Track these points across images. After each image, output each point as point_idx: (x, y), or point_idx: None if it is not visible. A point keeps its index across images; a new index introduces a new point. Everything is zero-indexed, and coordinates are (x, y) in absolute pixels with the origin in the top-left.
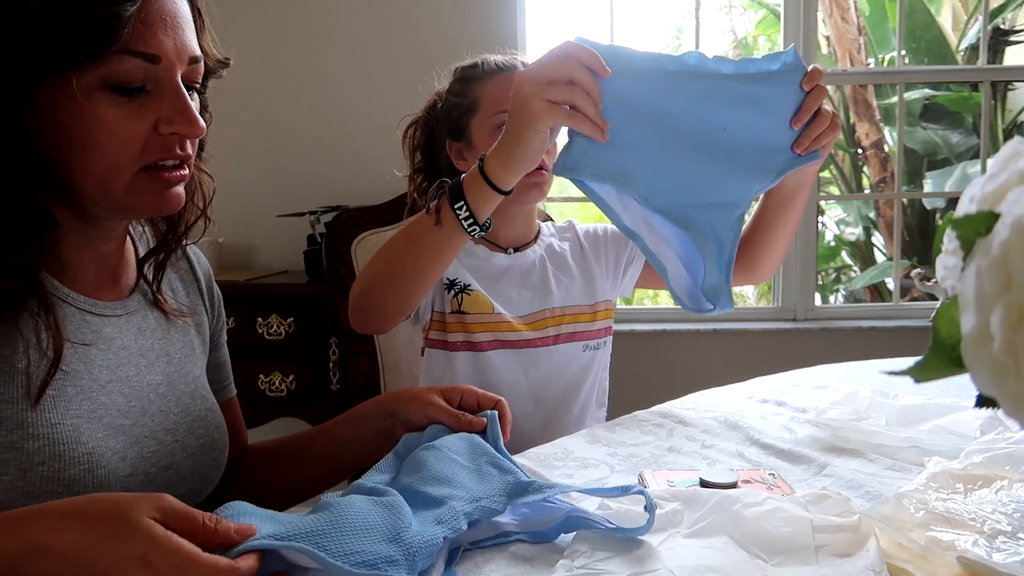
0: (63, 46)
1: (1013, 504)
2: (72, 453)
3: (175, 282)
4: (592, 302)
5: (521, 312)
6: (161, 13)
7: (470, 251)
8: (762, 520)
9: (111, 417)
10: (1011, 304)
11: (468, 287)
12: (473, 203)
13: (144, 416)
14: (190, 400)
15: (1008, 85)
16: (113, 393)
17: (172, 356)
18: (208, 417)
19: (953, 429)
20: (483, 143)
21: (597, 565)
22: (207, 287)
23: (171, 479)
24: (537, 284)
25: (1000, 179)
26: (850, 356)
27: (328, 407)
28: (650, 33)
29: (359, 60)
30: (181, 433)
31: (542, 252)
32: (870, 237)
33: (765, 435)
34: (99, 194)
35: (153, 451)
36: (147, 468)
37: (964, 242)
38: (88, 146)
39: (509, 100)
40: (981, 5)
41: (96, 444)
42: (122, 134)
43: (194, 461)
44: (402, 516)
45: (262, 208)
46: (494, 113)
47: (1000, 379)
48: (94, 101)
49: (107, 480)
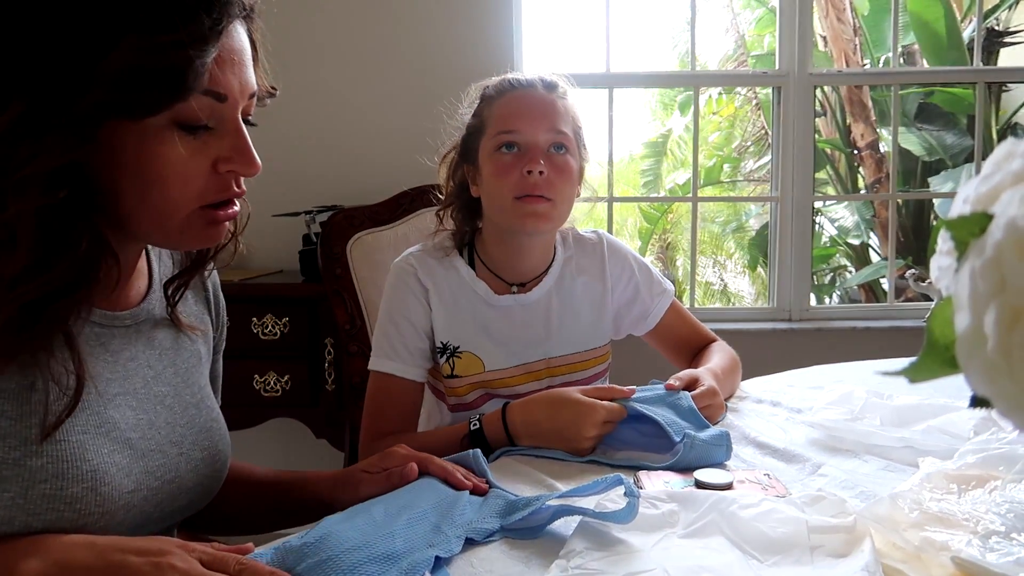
0: (148, 92)
1: (1007, 504)
2: (76, 471)
3: (186, 292)
4: (591, 347)
5: (514, 363)
6: (230, 52)
7: (471, 287)
8: (757, 521)
9: (119, 432)
10: (1005, 305)
11: (458, 350)
12: (488, 431)
13: (151, 429)
14: (196, 411)
15: (1002, 86)
16: (121, 407)
17: (179, 366)
18: (212, 428)
19: (947, 429)
20: (485, 165)
21: (593, 565)
22: (214, 297)
23: (174, 492)
24: (537, 329)
25: (994, 180)
26: (845, 356)
27: (323, 407)
28: (648, 34)
29: (355, 61)
30: (186, 445)
31: (550, 286)
32: (866, 238)
33: (760, 435)
34: (154, 229)
35: (158, 464)
36: (151, 483)
37: (958, 243)
38: (152, 183)
39: (513, 118)
40: (975, 6)
41: (101, 461)
42: (187, 172)
43: (197, 473)
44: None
45: (257, 207)
46: (496, 133)
47: (994, 380)
48: (163, 139)
49: (110, 496)
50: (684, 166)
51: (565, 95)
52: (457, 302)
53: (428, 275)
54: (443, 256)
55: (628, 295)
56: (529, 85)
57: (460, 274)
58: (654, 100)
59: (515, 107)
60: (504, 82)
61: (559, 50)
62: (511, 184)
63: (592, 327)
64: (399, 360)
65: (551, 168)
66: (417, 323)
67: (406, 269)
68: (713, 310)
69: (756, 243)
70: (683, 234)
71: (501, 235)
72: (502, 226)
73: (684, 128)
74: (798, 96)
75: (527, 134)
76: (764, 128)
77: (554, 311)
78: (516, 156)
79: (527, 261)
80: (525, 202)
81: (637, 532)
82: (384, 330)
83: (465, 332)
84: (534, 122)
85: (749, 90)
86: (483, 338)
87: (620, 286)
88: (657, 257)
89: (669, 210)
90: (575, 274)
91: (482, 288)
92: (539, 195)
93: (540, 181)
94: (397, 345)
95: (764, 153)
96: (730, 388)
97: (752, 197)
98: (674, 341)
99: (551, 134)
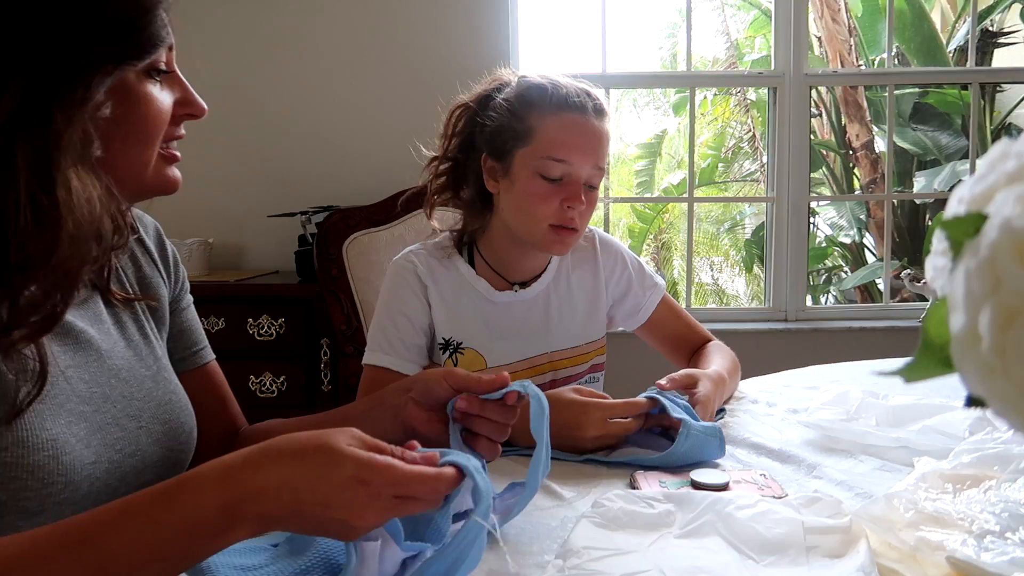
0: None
1: (1001, 504)
2: (36, 439)
3: (124, 261)
4: (588, 340)
5: (516, 358)
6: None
7: (472, 284)
8: (754, 521)
9: (72, 404)
10: (999, 305)
11: (461, 346)
12: None
13: (106, 403)
14: (152, 384)
15: (996, 87)
16: (73, 379)
17: (131, 339)
18: (172, 401)
19: (942, 429)
20: (520, 178)
21: (589, 565)
22: (159, 252)
23: (138, 467)
24: (536, 324)
25: (988, 180)
26: (841, 357)
27: (319, 408)
28: (643, 36)
29: (350, 60)
30: (145, 419)
31: (548, 282)
32: (861, 238)
33: (756, 435)
34: (132, 179)
35: (117, 438)
36: (111, 455)
37: (953, 243)
38: (137, 128)
39: (566, 147)
40: (969, 7)
41: (60, 431)
42: (163, 114)
43: (160, 447)
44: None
45: (253, 208)
46: (544, 156)
47: (989, 379)
48: (143, 83)
49: (72, 466)
50: (681, 166)
51: (608, 121)
52: (458, 299)
53: (428, 272)
54: (443, 255)
55: (621, 288)
56: (583, 109)
57: (460, 272)
58: (644, 101)
59: (571, 136)
60: (561, 97)
61: (555, 49)
62: (550, 212)
63: (589, 320)
64: (394, 355)
65: (587, 201)
66: (414, 319)
67: (405, 266)
68: (709, 310)
69: (751, 244)
70: (678, 235)
71: (513, 240)
72: (524, 240)
73: (676, 129)
74: (794, 96)
75: (576, 167)
76: (752, 130)
77: (553, 306)
78: (559, 186)
79: (530, 262)
80: (559, 232)
81: (633, 532)
82: (380, 325)
83: (467, 328)
84: (585, 157)
85: (739, 92)
86: (485, 334)
87: (613, 280)
88: (652, 257)
89: (664, 210)
90: (570, 269)
91: (482, 285)
92: (573, 228)
93: (576, 215)
94: (393, 340)
95: (754, 155)
96: (730, 390)
97: (748, 198)
98: (668, 336)
99: (596, 170)
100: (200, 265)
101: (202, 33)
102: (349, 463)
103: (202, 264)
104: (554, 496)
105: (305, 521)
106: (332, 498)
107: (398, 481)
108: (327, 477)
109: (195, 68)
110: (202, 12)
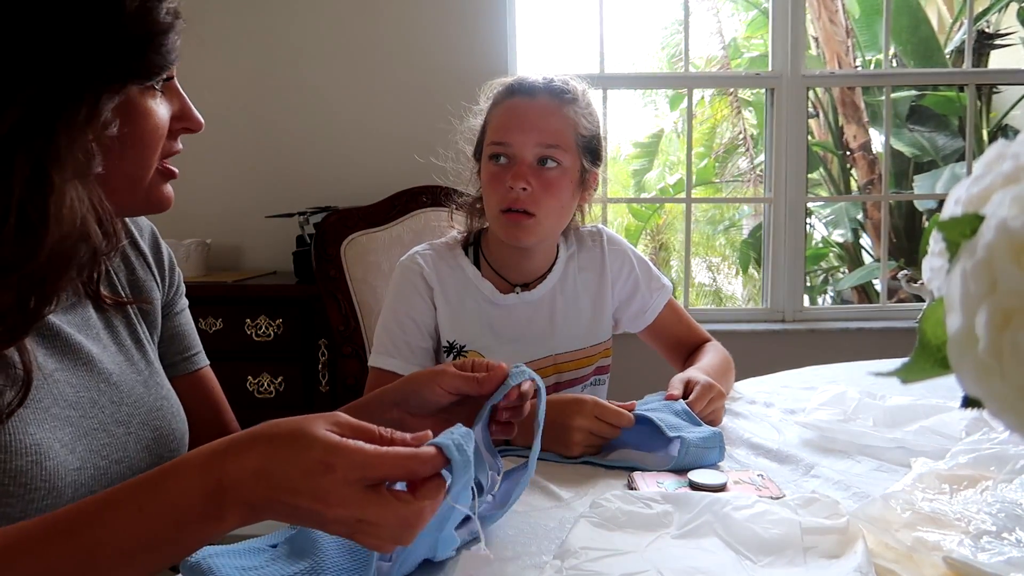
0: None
1: (998, 504)
2: (19, 444)
3: (116, 263)
4: (595, 342)
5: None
6: None
7: (476, 286)
8: (751, 522)
9: (58, 408)
10: (996, 306)
11: (464, 348)
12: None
13: (94, 408)
14: (143, 390)
15: (993, 88)
16: (59, 384)
17: (122, 344)
18: (163, 407)
19: (939, 430)
20: (483, 168)
21: (587, 566)
22: (154, 255)
23: (124, 473)
24: (540, 326)
25: (985, 181)
26: (838, 357)
27: (317, 409)
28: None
29: (348, 61)
30: (134, 425)
31: (554, 284)
32: (858, 239)
33: (754, 436)
34: (126, 194)
35: (103, 444)
36: (97, 461)
37: (950, 244)
38: (135, 141)
39: (505, 128)
40: (966, 9)
41: (44, 435)
42: (161, 128)
43: (149, 453)
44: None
45: (250, 209)
46: (490, 142)
47: (985, 380)
48: (146, 96)
49: (56, 472)
50: (678, 167)
51: (574, 100)
52: (463, 301)
53: (434, 274)
54: (449, 255)
55: (628, 289)
56: (530, 92)
57: (466, 273)
58: (639, 101)
59: (510, 116)
60: (509, 86)
61: (553, 51)
62: (498, 196)
63: (594, 322)
64: (400, 357)
65: (538, 183)
66: (421, 322)
67: (412, 268)
68: (707, 311)
69: (747, 245)
70: (675, 235)
71: (499, 238)
72: (497, 234)
73: (672, 129)
74: (791, 97)
75: (516, 147)
76: (743, 131)
77: (558, 308)
78: (504, 168)
79: (529, 264)
80: (508, 216)
81: (631, 533)
82: (387, 327)
83: (471, 331)
84: (524, 134)
85: (733, 93)
86: (489, 337)
87: (620, 280)
88: (650, 258)
89: (660, 209)
90: (577, 271)
91: (487, 287)
92: (522, 210)
93: (523, 196)
94: (399, 343)
95: (746, 155)
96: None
97: (746, 198)
98: (670, 339)
99: (540, 148)
100: (198, 266)
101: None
102: (318, 446)
103: (200, 265)
104: (552, 497)
105: (281, 508)
106: (300, 484)
107: (366, 464)
108: (295, 461)
109: (194, 70)
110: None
